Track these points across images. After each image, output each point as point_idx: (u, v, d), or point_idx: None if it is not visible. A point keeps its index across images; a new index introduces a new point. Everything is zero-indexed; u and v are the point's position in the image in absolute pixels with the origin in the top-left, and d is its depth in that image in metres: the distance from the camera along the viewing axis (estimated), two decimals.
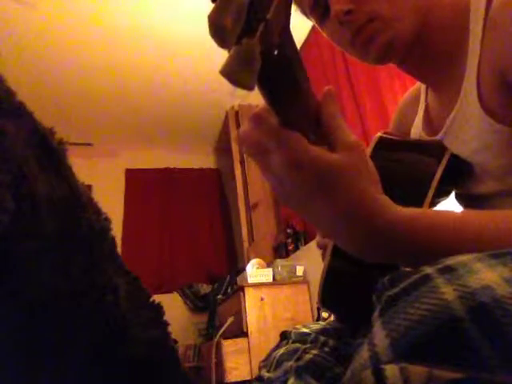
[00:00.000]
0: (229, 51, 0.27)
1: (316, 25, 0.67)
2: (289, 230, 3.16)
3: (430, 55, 0.62)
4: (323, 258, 0.57)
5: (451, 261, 0.29)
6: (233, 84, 0.26)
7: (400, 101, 0.85)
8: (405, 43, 0.58)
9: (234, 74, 0.26)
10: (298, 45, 3.15)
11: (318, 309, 2.55)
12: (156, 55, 3.14)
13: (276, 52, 0.30)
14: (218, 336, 2.69)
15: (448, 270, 0.28)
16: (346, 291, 0.55)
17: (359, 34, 0.58)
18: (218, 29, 0.25)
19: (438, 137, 0.65)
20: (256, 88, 0.33)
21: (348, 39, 0.60)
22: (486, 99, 0.54)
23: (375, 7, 0.57)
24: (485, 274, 0.27)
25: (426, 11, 0.59)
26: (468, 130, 0.58)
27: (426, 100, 0.72)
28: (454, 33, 0.58)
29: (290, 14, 0.31)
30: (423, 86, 0.74)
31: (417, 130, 0.73)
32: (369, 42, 0.58)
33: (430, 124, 0.70)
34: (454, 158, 0.61)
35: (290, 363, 0.58)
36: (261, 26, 0.26)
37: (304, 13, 0.68)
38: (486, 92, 0.53)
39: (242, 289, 2.71)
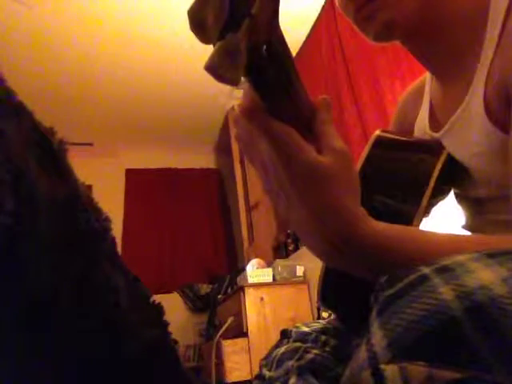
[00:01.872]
0: (214, 46, 0.26)
1: None
2: (289, 230, 3.15)
3: (437, 39, 0.61)
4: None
5: (448, 261, 0.29)
6: (217, 79, 0.26)
7: (402, 95, 0.84)
8: (406, 23, 0.57)
9: (218, 69, 0.25)
10: (298, 45, 3.15)
11: (318, 309, 2.55)
12: (156, 55, 3.14)
13: (264, 48, 0.29)
14: (217, 336, 2.69)
15: (445, 270, 0.28)
16: (346, 290, 0.55)
17: (360, 11, 0.59)
18: (199, 24, 0.24)
19: (439, 134, 0.64)
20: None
21: (352, 14, 0.61)
22: (491, 106, 0.53)
23: None
24: (482, 274, 0.27)
25: None
26: (469, 134, 0.58)
27: (430, 94, 0.71)
28: (468, 27, 0.58)
29: (277, 11, 0.30)
30: (428, 78, 0.72)
31: (421, 124, 0.72)
32: (369, 20, 0.58)
33: (434, 119, 0.69)
34: (452, 158, 0.61)
35: (291, 362, 0.58)
36: (246, 21, 0.25)
37: None
38: (491, 99, 0.53)
39: (242, 289, 2.71)
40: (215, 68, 0.25)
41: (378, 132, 0.65)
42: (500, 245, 0.37)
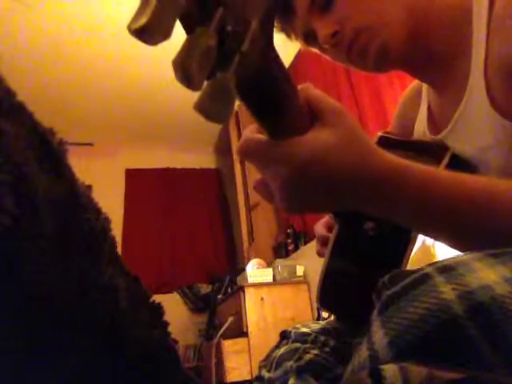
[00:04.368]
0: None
1: (321, 54, 0.68)
2: (289, 230, 3.16)
3: (432, 56, 0.61)
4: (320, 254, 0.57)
5: (450, 260, 0.29)
6: (208, 120, 0.26)
7: (402, 96, 0.84)
8: (399, 45, 0.58)
9: (208, 110, 0.26)
10: (298, 46, 3.14)
11: (318, 309, 2.55)
12: (156, 55, 3.14)
13: (263, 75, 0.29)
14: (218, 336, 2.69)
15: (447, 269, 0.28)
16: (345, 291, 0.55)
17: (351, 50, 0.59)
18: (183, 74, 0.25)
19: (441, 135, 0.64)
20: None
21: (345, 57, 0.62)
22: (496, 96, 0.53)
23: (359, 20, 0.58)
24: (484, 274, 0.27)
25: (419, 12, 0.58)
26: (475, 128, 0.58)
27: (428, 97, 0.72)
28: (455, 33, 0.58)
29: (271, 42, 0.30)
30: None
31: (421, 127, 0.72)
32: (363, 54, 0.59)
33: (433, 122, 0.70)
34: (455, 159, 0.61)
35: (291, 363, 0.58)
36: (236, 59, 0.26)
37: (305, 46, 0.69)
38: (494, 89, 0.53)
39: (242, 289, 2.71)
40: (205, 109, 0.26)
41: (380, 133, 0.66)
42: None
